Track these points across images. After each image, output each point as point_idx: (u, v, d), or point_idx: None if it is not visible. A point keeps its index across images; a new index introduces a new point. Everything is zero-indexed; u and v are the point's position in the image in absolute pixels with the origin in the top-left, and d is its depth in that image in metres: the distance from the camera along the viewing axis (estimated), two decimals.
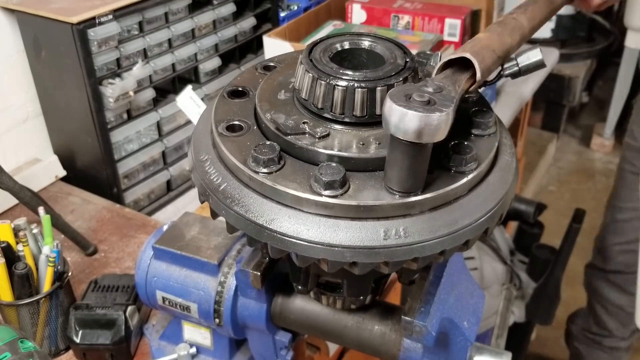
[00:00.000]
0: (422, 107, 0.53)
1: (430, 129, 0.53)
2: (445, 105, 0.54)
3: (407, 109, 0.52)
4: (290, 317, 0.88)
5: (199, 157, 0.68)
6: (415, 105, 0.53)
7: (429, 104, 0.54)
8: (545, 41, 3.35)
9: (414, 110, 0.52)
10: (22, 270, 0.99)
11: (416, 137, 0.53)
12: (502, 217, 0.66)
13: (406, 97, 0.54)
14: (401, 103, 0.53)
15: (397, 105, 0.53)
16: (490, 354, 0.79)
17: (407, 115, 0.52)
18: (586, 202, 3.42)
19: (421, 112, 0.52)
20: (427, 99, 0.54)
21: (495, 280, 1.99)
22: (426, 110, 0.53)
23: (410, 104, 0.53)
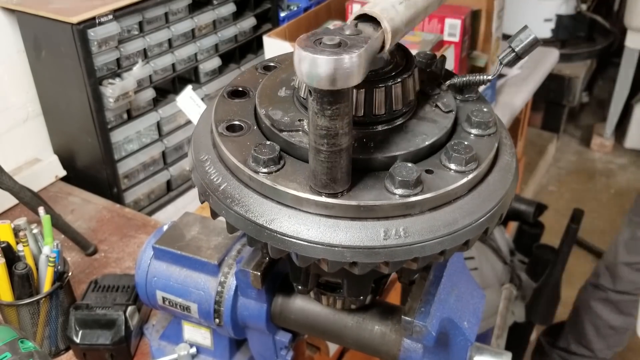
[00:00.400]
0: (332, 50, 0.51)
1: (342, 72, 0.50)
2: (356, 47, 0.51)
3: (316, 54, 0.50)
4: (291, 317, 0.88)
5: (199, 157, 0.68)
6: (326, 49, 0.51)
7: (340, 47, 0.51)
8: (545, 41, 3.35)
9: (323, 55, 0.50)
10: (22, 270, 0.99)
11: (330, 83, 0.50)
12: (502, 217, 0.66)
13: (315, 42, 0.52)
14: (310, 49, 0.50)
15: (306, 51, 0.50)
16: (490, 354, 0.79)
17: (317, 60, 0.50)
18: (586, 202, 3.42)
19: (331, 55, 0.50)
20: (338, 41, 0.52)
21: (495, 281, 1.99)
22: (336, 53, 0.50)
23: (320, 49, 0.51)
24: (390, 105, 0.64)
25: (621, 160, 3.80)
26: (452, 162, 0.62)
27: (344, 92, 0.53)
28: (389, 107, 0.64)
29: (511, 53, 0.67)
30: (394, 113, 0.65)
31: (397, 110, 0.65)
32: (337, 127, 0.55)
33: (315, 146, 0.56)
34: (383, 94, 0.63)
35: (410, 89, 0.66)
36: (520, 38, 0.67)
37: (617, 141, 3.86)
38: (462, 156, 0.62)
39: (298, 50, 0.51)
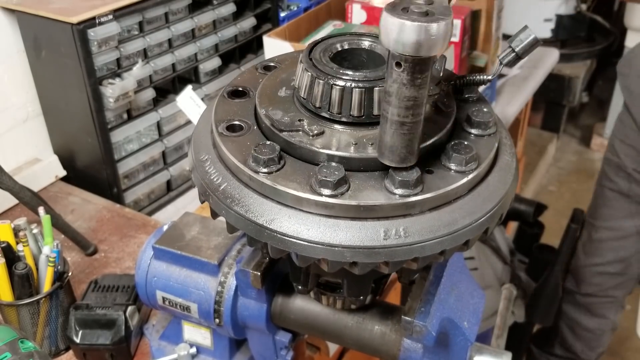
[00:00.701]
0: (421, 17, 0.51)
1: (430, 40, 0.51)
2: (444, 14, 0.52)
3: (406, 20, 0.51)
4: (291, 317, 0.88)
5: (199, 157, 0.68)
6: (414, 16, 0.51)
7: (427, 15, 0.52)
8: (545, 41, 3.35)
9: (413, 21, 0.50)
10: (22, 270, 0.99)
11: (415, 49, 0.51)
12: (502, 217, 0.66)
13: (403, 9, 0.52)
14: (399, 15, 0.51)
15: (396, 18, 0.51)
16: (490, 354, 0.79)
17: (406, 26, 0.50)
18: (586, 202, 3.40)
19: (421, 22, 0.50)
20: (425, 10, 0.52)
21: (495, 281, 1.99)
22: (425, 20, 0.51)
23: (409, 16, 0.51)
24: None
25: None
26: (452, 162, 0.62)
27: (431, 60, 0.54)
28: None
29: (511, 53, 0.67)
30: None
31: None
32: (423, 96, 0.56)
33: (399, 119, 0.56)
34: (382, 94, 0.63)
35: None
36: (520, 38, 0.67)
37: None
38: (462, 156, 0.62)
39: (386, 16, 0.51)
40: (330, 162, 0.61)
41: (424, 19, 0.51)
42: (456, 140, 0.64)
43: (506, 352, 0.79)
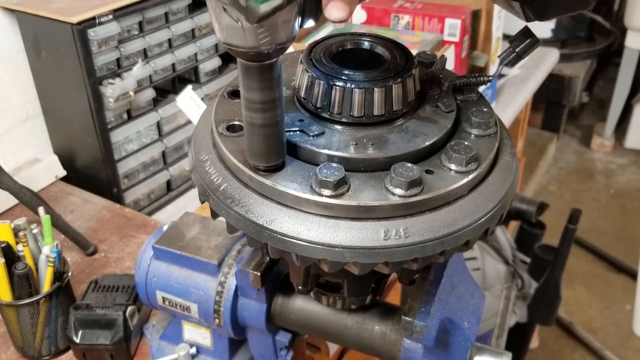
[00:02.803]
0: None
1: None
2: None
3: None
4: (290, 317, 0.88)
5: (199, 157, 0.68)
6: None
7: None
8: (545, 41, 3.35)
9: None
10: (22, 270, 0.99)
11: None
12: (502, 218, 0.66)
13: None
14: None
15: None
16: (490, 354, 0.79)
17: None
18: (586, 202, 3.42)
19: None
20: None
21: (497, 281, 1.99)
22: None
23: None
24: (390, 105, 0.64)
25: (621, 160, 3.80)
26: (452, 163, 0.62)
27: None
28: (389, 107, 0.64)
29: (511, 53, 0.67)
30: (394, 113, 0.65)
31: (397, 111, 0.65)
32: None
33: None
34: (383, 94, 0.63)
35: (411, 89, 0.66)
36: (521, 38, 0.67)
37: (617, 141, 3.86)
38: (463, 156, 0.62)
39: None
40: (331, 163, 0.61)
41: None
42: (456, 141, 0.64)
43: (506, 352, 0.79)
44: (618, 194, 3.53)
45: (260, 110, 0.57)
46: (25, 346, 1.06)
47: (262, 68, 0.54)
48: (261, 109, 0.57)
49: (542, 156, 3.62)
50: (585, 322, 2.72)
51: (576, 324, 2.67)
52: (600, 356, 2.56)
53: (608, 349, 2.57)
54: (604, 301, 2.85)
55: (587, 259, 3.08)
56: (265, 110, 0.57)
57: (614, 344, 2.62)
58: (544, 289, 1.96)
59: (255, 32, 0.50)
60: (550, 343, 2.65)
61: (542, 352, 2.61)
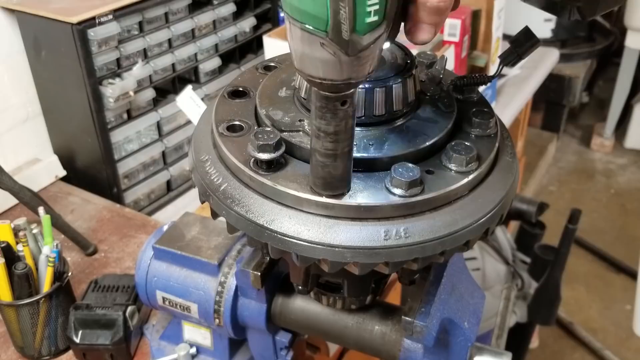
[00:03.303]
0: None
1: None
2: None
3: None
4: (291, 317, 0.88)
5: (200, 157, 0.68)
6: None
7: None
8: (545, 41, 3.34)
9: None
10: (22, 270, 0.99)
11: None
12: (502, 218, 0.66)
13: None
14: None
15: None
16: (490, 354, 0.78)
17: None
18: (586, 202, 3.42)
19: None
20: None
21: (497, 281, 1.99)
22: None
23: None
24: (390, 105, 0.64)
25: (621, 160, 3.80)
26: (452, 163, 0.62)
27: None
28: (390, 107, 0.64)
29: (512, 53, 0.67)
30: (394, 113, 0.65)
31: (397, 111, 0.65)
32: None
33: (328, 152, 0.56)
34: (383, 94, 0.63)
35: (411, 89, 0.66)
36: (521, 38, 0.67)
37: (617, 141, 3.86)
38: (463, 156, 0.62)
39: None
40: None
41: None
42: (456, 141, 0.64)
43: (506, 352, 0.79)
44: (618, 194, 3.53)
45: (335, 140, 0.53)
46: (25, 346, 1.06)
47: (346, 98, 0.51)
48: (336, 140, 0.53)
49: (542, 156, 3.62)
50: (585, 322, 2.72)
51: (576, 324, 2.67)
52: (600, 356, 2.56)
53: (608, 349, 2.56)
54: (604, 301, 2.85)
55: (587, 259, 3.08)
56: (339, 141, 0.54)
57: (614, 344, 2.62)
58: (544, 289, 1.96)
59: (351, 64, 0.47)
60: (550, 343, 2.65)
61: (542, 352, 2.61)
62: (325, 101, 0.51)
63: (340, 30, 0.44)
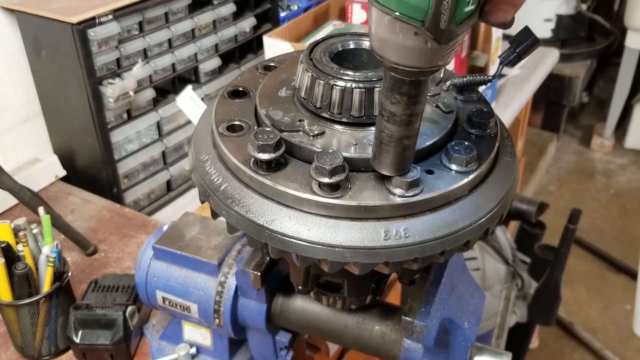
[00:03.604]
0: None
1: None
2: None
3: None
4: (291, 317, 0.88)
5: (200, 157, 0.68)
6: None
7: None
8: (545, 41, 3.35)
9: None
10: (22, 270, 0.99)
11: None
12: (502, 218, 0.66)
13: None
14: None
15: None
16: (490, 354, 0.78)
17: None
18: (586, 202, 3.42)
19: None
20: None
21: (497, 281, 1.99)
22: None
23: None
24: None
25: (621, 160, 3.80)
26: (452, 163, 0.62)
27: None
28: None
29: (512, 53, 0.67)
30: None
31: None
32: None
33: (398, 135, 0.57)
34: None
35: None
36: (521, 38, 0.67)
37: (617, 141, 3.86)
38: (463, 156, 0.62)
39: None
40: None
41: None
42: (457, 141, 0.64)
43: (506, 352, 0.79)
44: (618, 194, 3.53)
45: (409, 123, 0.55)
46: (25, 346, 1.06)
47: (424, 83, 0.53)
48: (410, 122, 0.55)
49: (542, 156, 3.62)
50: (585, 322, 2.72)
51: (576, 324, 2.67)
52: (600, 356, 2.56)
53: (608, 349, 2.56)
54: (604, 301, 2.85)
55: (587, 259, 3.07)
56: (413, 123, 0.56)
57: (614, 344, 2.62)
58: (544, 289, 1.96)
59: (441, 52, 0.48)
60: (550, 343, 2.65)
61: (542, 352, 2.61)
62: (407, 87, 0.52)
63: (439, 20, 0.45)
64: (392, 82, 0.53)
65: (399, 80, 0.52)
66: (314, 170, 0.59)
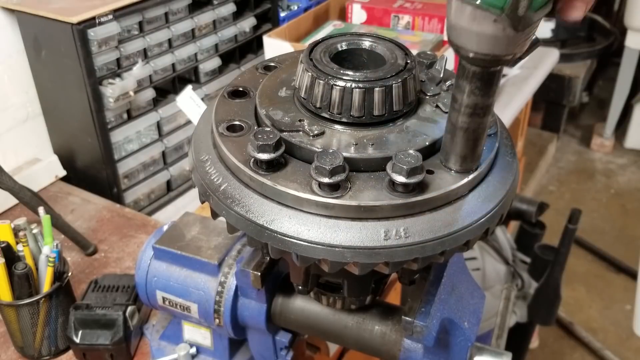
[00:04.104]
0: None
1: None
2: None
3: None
4: (291, 317, 0.88)
5: (200, 157, 0.68)
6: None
7: None
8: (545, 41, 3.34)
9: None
10: (22, 270, 0.99)
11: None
12: (502, 218, 0.66)
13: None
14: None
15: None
16: (490, 354, 0.78)
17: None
18: (586, 202, 3.42)
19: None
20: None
21: (497, 281, 1.99)
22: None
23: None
24: (390, 105, 0.64)
25: (621, 160, 3.80)
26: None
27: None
28: (390, 107, 0.64)
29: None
30: (394, 113, 0.65)
31: (397, 111, 0.65)
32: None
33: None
34: (383, 94, 0.63)
35: (411, 89, 0.66)
36: None
37: (617, 141, 3.86)
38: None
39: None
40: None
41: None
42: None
43: (506, 352, 0.79)
44: (618, 194, 3.53)
45: (484, 115, 0.57)
46: (25, 346, 1.06)
47: (497, 73, 0.55)
48: (484, 114, 0.57)
49: (542, 156, 3.62)
50: (585, 322, 2.72)
51: (576, 324, 2.67)
52: (600, 356, 2.56)
53: (608, 349, 2.56)
54: (604, 301, 2.85)
55: (587, 259, 3.08)
56: (486, 114, 0.57)
57: (614, 344, 2.62)
58: (544, 289, 1.96)
59: (517, 40, 0.51)
60: (550, 343, 2.65)
61: (542, 352, 2.61)
62: (481, 78, 0.55)
63: (518, 7, 0.47)
64: (467, 73, 0.55)
65: (474, 71, 0.54)
66: (314, 170, 0.59)
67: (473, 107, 0.56)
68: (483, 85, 0.55)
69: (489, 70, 0.54)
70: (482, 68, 0.54)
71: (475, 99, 0.56)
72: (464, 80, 0.55)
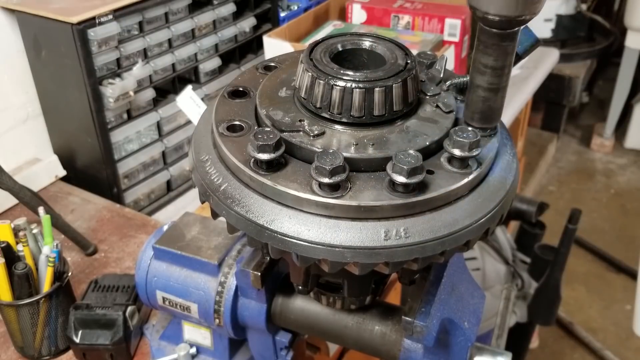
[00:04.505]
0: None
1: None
2: None
3: None
4: (291, 317, 0.88)
5: (200, 157, 0.68)
6: None
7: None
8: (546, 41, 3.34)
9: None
10: (22, 270, 0.99)
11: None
12: (502, 218, 0.66)
13: None
14: None
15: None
16: (490, 354, 0.79)
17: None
18: (586, 202, 3.42)
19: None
20: None
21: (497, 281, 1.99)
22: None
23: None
24: (390, 105, 0.64)
25: (621, 160, 3.80)
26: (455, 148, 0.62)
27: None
28: (390, 108, 0.64)
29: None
30: (394, 113, 0.65)
31: (397, 111, 0.65)
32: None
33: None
34: (383, 94, 0.63)
35: (411, 89, 0.66)
36: (521, 38, 0.67)
37: (617, 141, 3.86)
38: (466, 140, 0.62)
39: None
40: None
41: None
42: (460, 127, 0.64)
43: (506, 352, 0.79)
44: (618, 194, 3.53)
45: (500, 75, 0.61)
46: (25, 346, 1.06)
47: (514, 34, 0.59)
48: (501, 74, 0.61)
49: (542, 156, 3.62)
50: (585, 322, 2.72)
51: (576, 324, 2.67)
52: (600, 356, 2.56)
53: (608, 349, 2.56)
54: (604, 301, 2.85)
55: (587, 259, 3.07)
56: (503, 75, 0.62)
57: (614, 344, 2.62)
58: (544, 289, 1.96)
59: (527, 1, 0.55)
60: (550, 343, 2.65)
61: (542, 352, 2.61)
62: (497, 38, 0.58)
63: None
64: (483, 34, 0.59)
65: (490, 32, 0.58)
66: (314, 170, 0.59)
67: (490, 65, 0.61)
68: (498, 45, 0.59)
69: (505, 32, 0.58)
70: (499, 30, 0.57)
71: (493, 59, 0.60)
72: (482, 42, 0.59)
